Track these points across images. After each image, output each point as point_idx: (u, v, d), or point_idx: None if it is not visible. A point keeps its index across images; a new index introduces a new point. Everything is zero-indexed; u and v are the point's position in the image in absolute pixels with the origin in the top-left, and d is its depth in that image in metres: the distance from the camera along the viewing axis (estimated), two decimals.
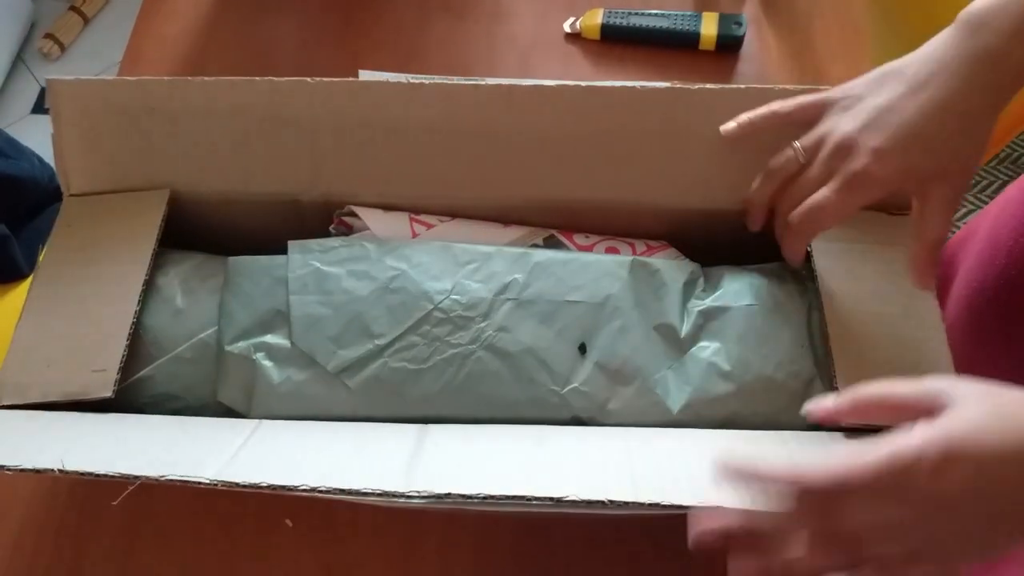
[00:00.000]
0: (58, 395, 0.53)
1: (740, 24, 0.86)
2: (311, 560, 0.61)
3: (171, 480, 0.45)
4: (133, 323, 0.55)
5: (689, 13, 0.87)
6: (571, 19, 0.89)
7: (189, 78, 0.62)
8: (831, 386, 0.54)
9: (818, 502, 0.41)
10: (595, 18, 0.88)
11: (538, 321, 0.57)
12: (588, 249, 0.63)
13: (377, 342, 0.56)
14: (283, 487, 0.44)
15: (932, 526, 0.40)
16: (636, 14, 0.87)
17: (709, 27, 0.86)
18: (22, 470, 0.46)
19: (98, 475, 0.45)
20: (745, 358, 0.57)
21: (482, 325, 0.57)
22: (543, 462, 0.48)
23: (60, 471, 0.46)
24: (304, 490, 0.44)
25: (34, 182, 1.42)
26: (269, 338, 0.57)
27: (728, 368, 0.57)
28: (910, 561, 0.41)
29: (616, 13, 0.88)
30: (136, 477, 0.45)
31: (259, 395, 0.55)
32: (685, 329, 0.59)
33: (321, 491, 0.44)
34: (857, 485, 0.40)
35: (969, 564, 0.42)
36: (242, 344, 0.57)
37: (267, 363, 0.56)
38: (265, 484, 0.44)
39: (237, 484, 0.45)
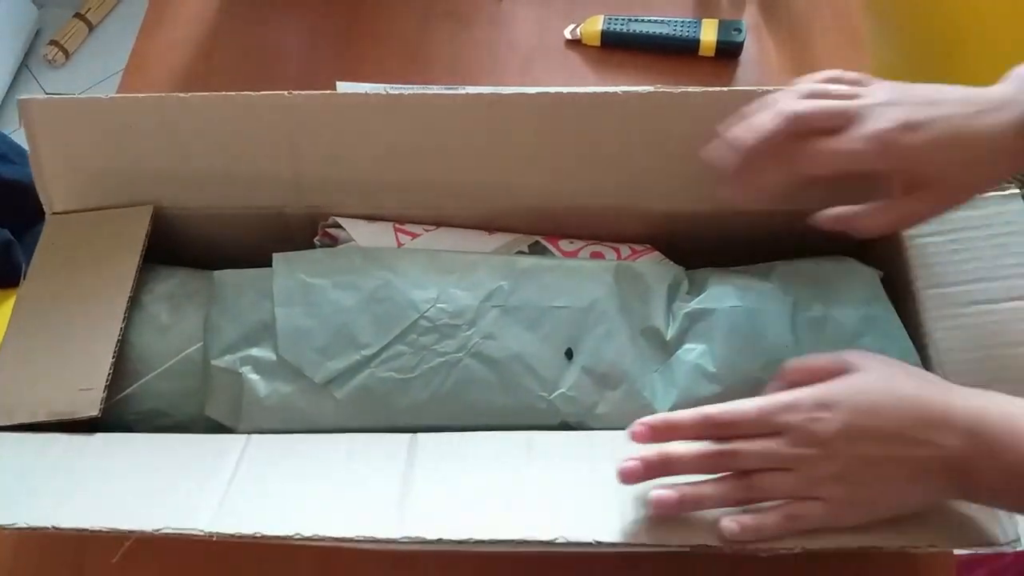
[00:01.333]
0: (45, 415, 0.53)
1: (740, 30, 0.86)
2: (309, 561, 0.62)
3: (166, 533, 0.47)
4: (118, 341, 0.55)
5: (689, 20, 0.87)
6: (572, 26, 0.89)
7: (163, 94, 0.61)
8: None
9: (712, 433, 0.48)
10: (595, 25, 0.88)
11: (524, 327, 0.58)
12: (573, 255, 0.63)
13: (364, 352, 0.56)
14: (277, 537, 0.47)
15: (809, 463, 0.47)
16: (636, 21, 0.87)
17: (709, 33, 0.86)
18: (18, 528, 0.48)
19: (93, 531, 0.47)
20: (731, 359, 0.58)
21: (468, 333, 0.57)
22: (533, 494, 0.50)
23: (55, 528, 0.48)
24: (298, 539, 0.47)
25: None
26: (255, 351, 0.57)
27: (714, 370, 0.57)
28: (799, 494, 0.47)
29: (616, 20, 0.88)
30: (131, 532, 0.47)
31: (246, 409, 0.55)
32: (671, 332, 0.59)
33: (315, 540, 0.47)
34: (744, 418, 0.48)
35: (863, 514, 0.48)
36: (228, 358, 0.57)
37: (254, 376, 0.56)
38: (260, 535, 0.47)
39: (232, 535, 0.47)
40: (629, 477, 0.48)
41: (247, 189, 0.63)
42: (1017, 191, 0.61)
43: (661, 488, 0.47)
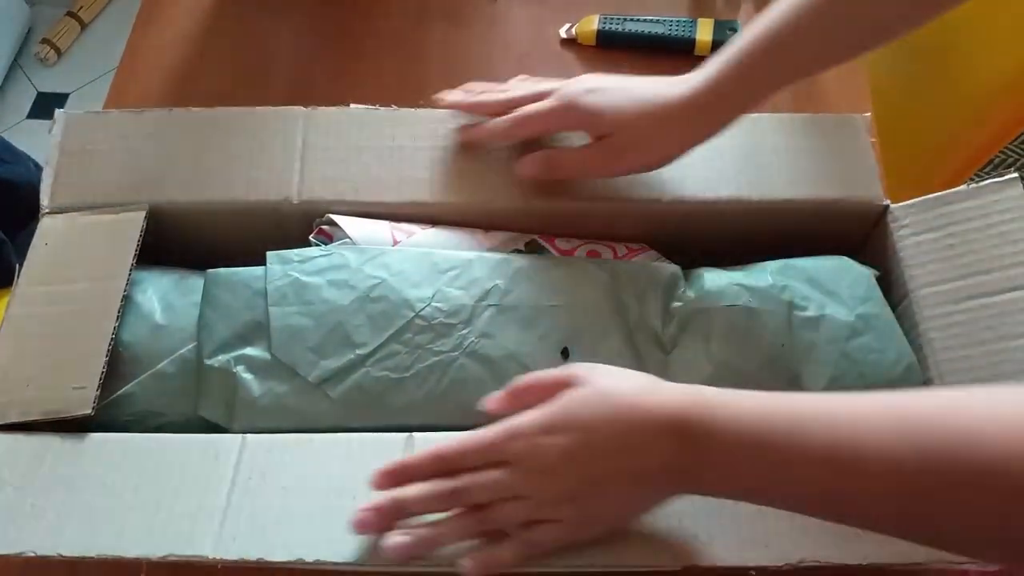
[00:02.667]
0: (38, 414, 0.53)
1: (735, 30, 0.85)
2: None
3: (172, 560, 0.49)
4: (112, 339, 0.55)
5: (684, 19, 0.87)
6: (567, 25, 0.89)
7: (191, 109, 0.64)
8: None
9: (445, 469, 0.49)
10: (591, 24, 0.87)
11: (520, 327, 0.57)
12: (569, 253, 0.63)
13: (359, 351, 0.55)
14: (281, 563, 0.50)
15: (539, 488, 0.48)
16: (632, 20, 0.87)
17: (704, 33, 0.85)
18: (24, 556, 0.49)
19: (99, 558, 0.49)
20: (726, 359, 0.58)
21: (464, 332, 0.56)
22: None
23: (60, 556, 0.49)
24: (300, 565, 0.50)
25: (30, 187, 1.42)
26: (249, 350, 0.56)
27: (710, 368, 0.58)
28: (533, 519, 0.49)
29: (612, 19, 0.87)
30: (139, 559, 0.49)
31: (240, 408, 0.55)
32: (667, 331, 0.59)
33: (318, 565, 0.49)
34: (472, 452, 0.49)
35: (599, 529, 0.50)
36: (222, 357, 0.56)
37: (247, 376, 0.55)
38: (263, 561, 0.49)
39: (236, 562, 0.49)
40: (365, 527, 0.49)
41: (245, 185, 0.63)
42: (1015, 175, 0.61)
43: (396, 534, 0.49)
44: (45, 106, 1.97)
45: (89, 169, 0.63)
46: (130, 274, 0.57)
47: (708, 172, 0.65)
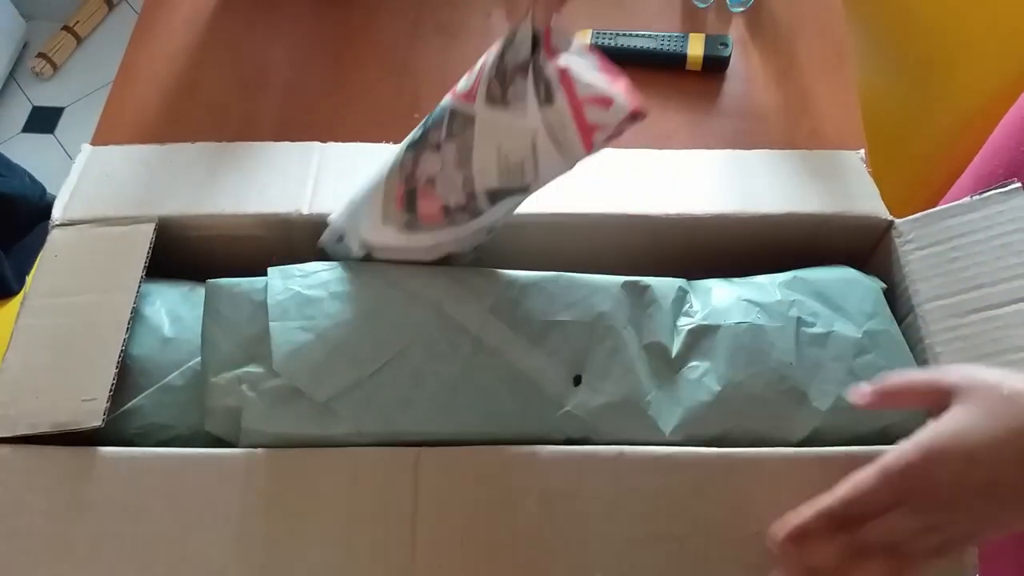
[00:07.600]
0: (47, 426, 0.51)
1: (726, 45, 0.84)
2: None
3: None
4: (121, 351, 0.53)
5: (676, 34, 0.85)
6: None
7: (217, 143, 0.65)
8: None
9: (842, 525, 0.45)
10: (583, 39, 0.86)
11: (529, 341, 0.55)
12: None
13: (364, 368, 0.53)
14: None
15: (942, 519, 0.44)
16: (624, 35, 0.85)
17: (695, 48, 0.84)
18: None
19: None
20: (734, 377, 0.56)
21: (472, 347, 0.54)
22: None
23: None
24: None
25: (25, 200, 1.41)
26: (253, 367, 0.53)
27: (718, 388, 0.55)
28: (939, 547, 0.45)
29: (604, 34, 0.86)
30: None
31: (246, 425, 0.52)
32: (675, 348, 0.57)
33: None
34: (863, 499, 0.44)
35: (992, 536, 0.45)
36: (226, 375, 0.53)
37: (252, 394, 0.52)
38: None
39: None
40: None
41: (256, 196, 0.62)
42: (1018, 185, 0.59)
43: None
44: (40, 120, 1.94)
45: (104, 188, 0.62)
46: (139, 287, 0.56)
47: (711, 187, 0.64)
